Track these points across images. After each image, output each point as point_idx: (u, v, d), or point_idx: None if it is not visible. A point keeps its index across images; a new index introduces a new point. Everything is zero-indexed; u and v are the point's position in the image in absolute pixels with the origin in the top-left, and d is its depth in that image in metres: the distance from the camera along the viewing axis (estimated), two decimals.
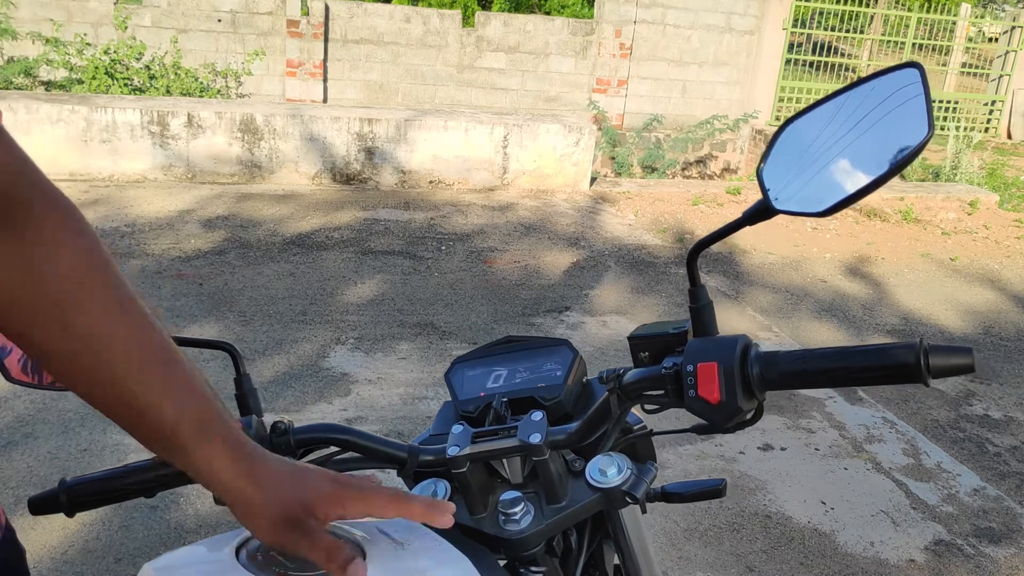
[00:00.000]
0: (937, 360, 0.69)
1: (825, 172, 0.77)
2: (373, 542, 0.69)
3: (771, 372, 0.75)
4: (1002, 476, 3.15)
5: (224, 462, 0.66)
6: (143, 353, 0.65)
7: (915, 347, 0.70)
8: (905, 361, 0.70)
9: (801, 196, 0.78)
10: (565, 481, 0.82)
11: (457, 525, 0.82)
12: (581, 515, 0.82)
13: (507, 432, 0.82)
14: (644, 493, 0.80)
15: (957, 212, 7.08)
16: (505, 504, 0.80)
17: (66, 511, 0.86)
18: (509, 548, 0.80)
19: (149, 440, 0.67)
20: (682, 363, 0.77)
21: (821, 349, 0.76)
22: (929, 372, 0.69)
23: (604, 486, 0.80)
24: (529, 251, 5.22)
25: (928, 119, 0.72)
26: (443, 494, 0.84)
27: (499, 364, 0.94)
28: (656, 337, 0.84)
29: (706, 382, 0.75)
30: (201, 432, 0.66)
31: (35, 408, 2.97)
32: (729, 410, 0.75)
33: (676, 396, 0.78)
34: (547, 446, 0.79)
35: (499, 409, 0.87)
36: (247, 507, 0.66)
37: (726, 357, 0.75)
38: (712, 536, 2.61)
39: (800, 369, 0.75)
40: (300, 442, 0.85)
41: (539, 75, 10.21)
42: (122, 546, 2.35)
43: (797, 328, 4.44)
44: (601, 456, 0.82)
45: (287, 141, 6.08)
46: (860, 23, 11.89)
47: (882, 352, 0.72)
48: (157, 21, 8.93)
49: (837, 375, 0.74)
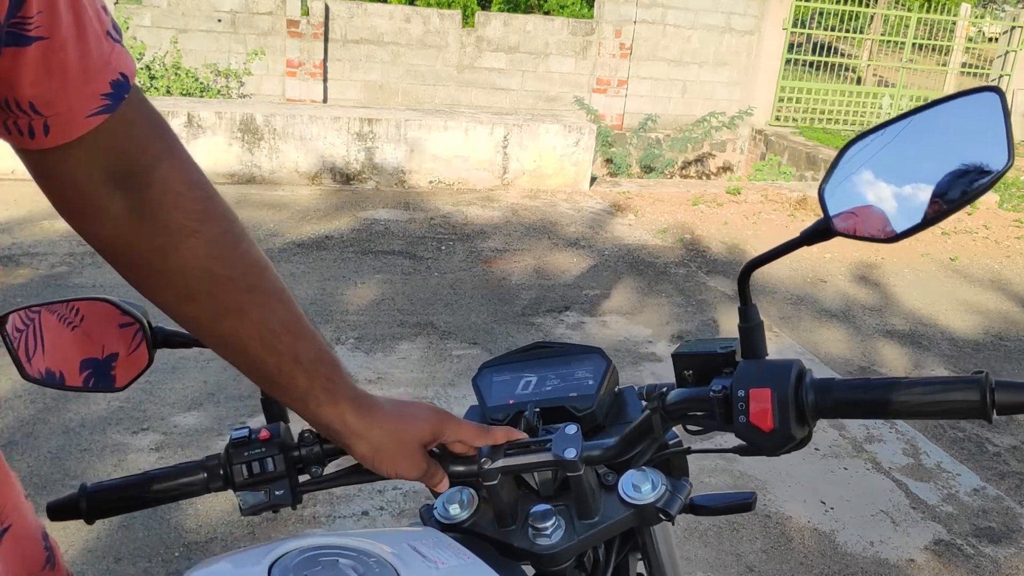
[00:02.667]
0: (1004, 397, 0.66)
1: (892, 196, 0.73)
2: (407, 562, 0.68)
3: (825, 399, 0.72)
4: (1002, 476, 3.15)
5: (353, 415, 0.77)
6: (274, 327, 0.73)
7: (980, 383, 0.67)
8: (969, 398, 0.67)
9: (865, 219, 0.74)
10: (598, 496, 0.79)
11: (485, 537, 0.80)
12: (614, 531, 0.80)
13: (540, 445, 0.79)
14: (679, 511, 0.78)
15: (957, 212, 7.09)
16: (536, 518, 0.78)
17: (86, 518, 0.84)
18: (539, 563, 0.78)
19: (282, 399, 0.78)
20: (732, 387, 0.74)
21: (880, 380, 0.73)
22: (995, 409, 0.66)
23: (638, 502, 0.78)
24: (529, 251, 5.22)
25: (1008, 148, 0.68)
26: (468, 503, 0.82)
27: (529, 371, 0.92)
28: (702, 356, 0.81)
29: (759, 409, 0.72)
30: (330, 394, 0.76)
31: (36, 408, 2.97)
32: (781, 438, 0.72)
33: (724, 420, 0.75)
34: (582, 462, 0.77)
35: (531, 419, 0.84)
36: (375, 451, 0.78)
37: (780, 383, 0.72)
38: (712, 536, 2.61)
39: (856, 399, 0.72)
40: (328, 451, 0.84)
41: (539, 75, 10.22)
42: (122, 546, 2.35)
43: (798, 329, 4.44)
44: (635, 471, 0.80)
45: (287, 141, 6.08)
46: (860, 23, 11.89)
47: (945, 387, 0.69)
48: (157, 21, 8.94)
49: (895, 408, 0.71)
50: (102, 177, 0.63)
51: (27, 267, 4.24)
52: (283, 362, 0.74)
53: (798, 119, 11.03)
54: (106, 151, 0.62)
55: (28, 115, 0.57)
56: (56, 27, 0.54)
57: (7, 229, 4.71)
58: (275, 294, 0.73)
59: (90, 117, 0.59)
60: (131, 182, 0.64)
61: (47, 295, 3.82)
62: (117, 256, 0.68)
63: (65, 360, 0.85)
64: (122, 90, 0.60)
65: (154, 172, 0.65)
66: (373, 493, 2.66)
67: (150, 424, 2.96)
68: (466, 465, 0.82)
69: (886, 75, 13.44)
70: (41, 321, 0.85)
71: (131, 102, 0.62)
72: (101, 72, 0.58)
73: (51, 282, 4.06)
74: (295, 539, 0.68)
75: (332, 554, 0.67)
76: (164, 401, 3.11)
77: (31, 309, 0.86)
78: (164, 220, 0.66)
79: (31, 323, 0.85)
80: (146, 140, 0.64)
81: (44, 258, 4.35)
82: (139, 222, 0.66)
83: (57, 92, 0.57)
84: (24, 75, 0.55)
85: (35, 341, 0.84)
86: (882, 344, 4.35)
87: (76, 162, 0.61)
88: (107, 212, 0.65)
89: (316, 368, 0.75)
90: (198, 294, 0.70)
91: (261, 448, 0.82)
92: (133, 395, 3.11)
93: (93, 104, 0.59)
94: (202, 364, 3.35)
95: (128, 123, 0.62)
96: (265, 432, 0.83)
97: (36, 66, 0.55)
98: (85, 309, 0.87)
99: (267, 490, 0.82)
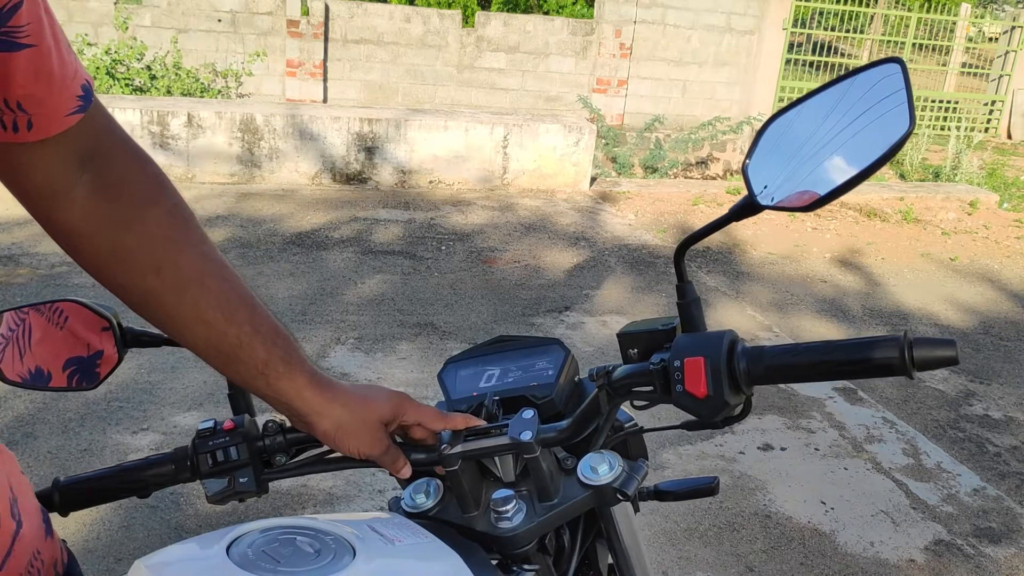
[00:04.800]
0: (921, 353, 0.70)
1: (810, 167, 0.77)
2: (364, 540, 0.69)
3: (757, 366, 0.76)
4: (1002, 476, 3.15)
5: (312, 391, 0.79)
6: (231, 297, 0.76)
7: (899, 340, 0.70)
8: (889, 354, 0.71)
9: (787, 191, 0.78)
10: (557, 479, 0.82)
11: (449, 523, 0.82)
12: (573, 512, 0.82)
13: (498, 430, 0.82)
14: (636, 490, 0.81)
15: (957, 212, 7.09)
16: (497, 502, 0.80)
17: (59, 510, 0.87)
18: (501, 546, 0.80)
19: (242, 376, 0.79)
20: (669, 358, 0.78)
21: (807, 343, 0.76)
22: (914, 365, 0.70)
23: (595, 483, 0.80)
24: (529, 251, 5.22)
25: (910, 113, 0.72)
26: (434, 493, 0.85)
27: (492, 364, 0.94)
28: (645, 333, 0.85)
29: (693, 377, 0.76)
30: (289, 366, 0.78)
31: (35, 408, 2.98)
32: (716, 404, 0.75)
33: (664, 392, 0.79)
34: (538, 443, 0.80)
35: (491, 408, 0.87)
36: (337, 427, 0.80)
37: (713, 352, 0.76)
38: (712, 536, 2.61)
39: (786, 363, 0.76)
40: (292, 441, 0.86)
41: (539, 75, 10.22)
42: (122, 546, 2.35)
43: (797, 328, 4.44)
44: (592, 453, 0.82)
45: (287, 141, 6.08)
46: (860, 23, 11.89)
47: (866, 345, 0.73)
48: (157, 21, 8.94)
49: (822, 369, 0.75)
50: (72, 163, 0.71)
51: (27, 267, 4.24)
52: (243, 332, 0.76)
53: None
54: (75, 142, 0.70)
55: (14, 112, 0.65)
56: (41, 37, 0.64)
57: (7, 229, 4.71)
58: (227, 265, 0.77)
59: (68, 116, 0.68)
60: (95, 163, 0.72)
61: (47, 295, 3.82)
62: (81, 239, 0.73)
63: (45, 361, 0.89)
64: (89, 94, 0.70)
65: (112, 155, 0.73)
66: (374, 493, 2.66)
67: (150, 424, 2.96)
68: (427, 452, 0.84)
69: None
70: (32, 321, 0.90)
71: (93, 106, 0.72)
72: (74, 78, 0.68)
73: (51, 282, 4.06)
74: (255, 522, 0.69)
75: (290, 534, 0.68)
76: (164, 401, 3.11)
77: (20, 311, 0.89)
78: (128, 192, 0.73)
79: (22, 323, 0.89)
80: (105, 131, 0.73)
81: (44, 258, 4.35)
82: (104, 198, 0.72)
83: (43, 93, 0.65)
84: (15, 77, 0.63)
85: (26, 340, 0.88)
86: None
87: (51, 152, 0.69)
88: (74, 194, 0.71)
89: (274, 339, 0.77)
90: (163, 264, 0.73)
91: (225, 437, 0.85)
92: (133, 395, 3.11)
93: (70, 105, 0.68)
94: (201, 364, 3.32)
95: (91, 119, 0.71)
96: (229, 423, 0.86)
97: (26, 70, 0.63)
98: (56, 311, 0.91)
99: (231, 477, 0.85)
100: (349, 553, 0.66)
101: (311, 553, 0.66)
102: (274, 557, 0.65)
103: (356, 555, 0.66)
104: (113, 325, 0.91)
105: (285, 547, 0.66)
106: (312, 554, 0.66)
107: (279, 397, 0.79)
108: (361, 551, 0.67)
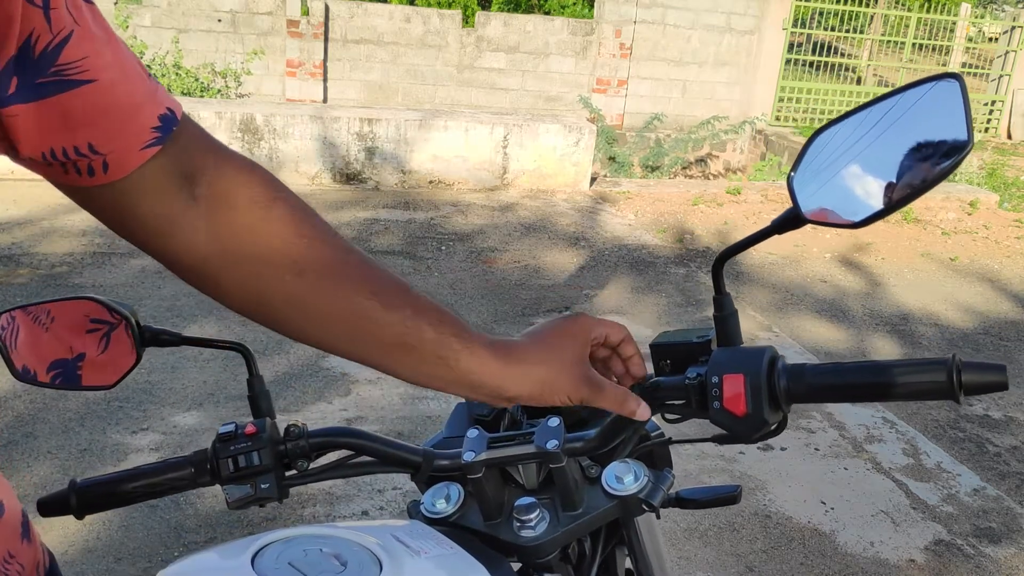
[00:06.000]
0: (970, 377, 0.67)
1: (859, 182, 0.75)
2: (389, 551, 0.68)
3: (798, 385, 0.74)
4: (1002, 476, 3.15)
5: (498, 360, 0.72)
6: (384, 281, 0.70)
7: (947, 363, 0.68)
8: (936, 378, 0.69)
9: (833, 206, 0.75)
10: (581, 488, 0.81)
11: (471, 531, 0.81)
12: (597, 523, 0.81)
13: (523, 438, 0.80)
14: (661, 501, 0.79)
15: (957, 212, 7.08)
16: (520, 510, 0.79)
17: (75, 513, 0.85)
18: (524, 555, 0.79)
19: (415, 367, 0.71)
20: (707, 374, 0.76)
21: (850, 363, 0.74)
22: (961, 389, 0.68)
23: (621, 493, 0.79)
24: (529, 251, 5.22)
25: (968, 129, 0.69)
26: (455, 499, 0.83)
27: None
28: (679, 346, 0.82)
29: (732, 394, 0.74)
30: (465, 340, 0.71)
31: (35, 408, 2.97)
32: (755, 423, 0.74)
33: (700, 407, 0.77)
34: (564, 453, 0.78)
35: (514, 413, 0.85)
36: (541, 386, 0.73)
37: (753, 369, 0.74)
38: (712, 536, 2.61)
39: (828, 383, 0.74)
40: (314, 446, 0.84)
41: (539, 75, 10.21)
42: (122, 546, 2.35)
43: (797, 328, 4.44)
44: (618, 463, 0.81)
45: (287, 141, 6.08)
46: (860, 23, 11.89)
47: (912, 368, 0.70)
48: (157, 21, 8.94)
49: (865, 390, 0.73)
50: (172, 188, 0.65)
51: (27, 267, 4.24)
52: (406, 317, 0.69)
53: (798, 119, 11.03)
54: (169, 166, 0.64)
55: (87, 157, 0.60)
56: (101, 69, 0.58)
57: (7, 229, 4.71)
58: (362, 251, 0.71)
59: (144, 149, 0.62)
60: (201, 180, 0.66)
61: (47, 295, 3.81)
62: (209, 260, 0.68)
63: (30, 362, 0.85)
64: (170, 123, 0.63)
65: (217, 167, 0.67)
66: (373, 493, 2.66)
67: (150, 424, 2.96)
68: (450, 459, 0.83)
69: (886, 75, 13.43)
70: (19, 322, 0.86)
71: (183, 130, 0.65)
72: (148, 107, 0.62)
73: (51, 282, 4.06)
74: (278, 531, 0.68)
75: (315, 544, 0.67)
76: (164, 401, 3.10)
77: (11, 312, 0.86)
78: (245, 196, 0.68)
79: (12, 323, 0.85)
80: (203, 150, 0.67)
81: (44, 258, 4.34)
82: (222, 208, 0.67)
83: (114, 130, 0.60)
84: (76, 117, 0.58)
85: (13, 340, 0.84)
86: (882, 344, 4.35)
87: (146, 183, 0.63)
88: (186, 218, 0.66)
89: (439, 317, 0.71)
90: (303, 262, 0.68)
91: (247, 442, 0.82)
92: (133, 395, 3.11)
93: (146, 137, 0.62)
94: (202, 364, 3.35)
95: (184, 141, 0.65)
96: (251, 427, 0.83)
97: (88, 109, 0.58)
98: (72, 308, 0.87)
99: (253, 483, 0.83)
100: (375, 565, 0.65)
101: (338, 566, 0.65)
102: (300, 569, 0.64)
103: (383, 568, 0.65)
104: (132, 323, 0.88)
105: (311, 559, 0.65)
106: (339, 566, 0.65)
107: (465, 379, 0.72)
108: (388, 564, 0.66)
